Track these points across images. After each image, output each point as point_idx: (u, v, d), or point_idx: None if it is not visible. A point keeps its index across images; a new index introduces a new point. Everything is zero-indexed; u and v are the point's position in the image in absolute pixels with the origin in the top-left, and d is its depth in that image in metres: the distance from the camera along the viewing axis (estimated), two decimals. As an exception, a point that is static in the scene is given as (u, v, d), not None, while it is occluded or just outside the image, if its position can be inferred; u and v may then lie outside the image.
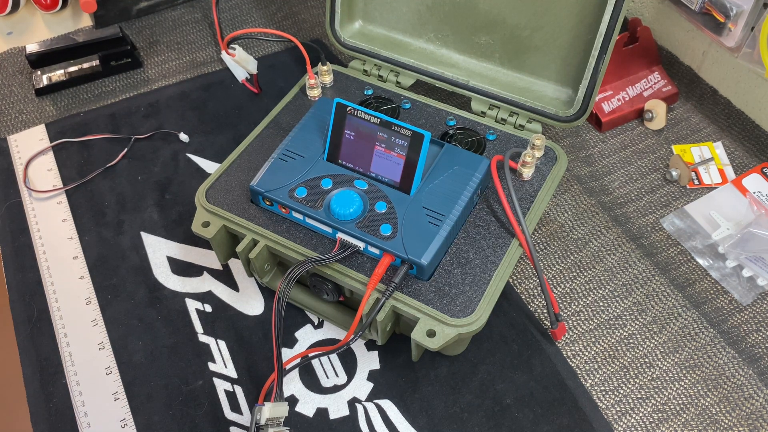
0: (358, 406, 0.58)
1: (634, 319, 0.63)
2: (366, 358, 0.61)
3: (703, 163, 0.75)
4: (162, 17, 0.95)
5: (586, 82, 0.64)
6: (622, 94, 0.80)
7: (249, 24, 0.94)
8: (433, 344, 0.52)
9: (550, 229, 0.70)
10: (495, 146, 0.66)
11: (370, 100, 0.71)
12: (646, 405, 0.58)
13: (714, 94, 0.80)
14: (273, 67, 0.87)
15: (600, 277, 0.66)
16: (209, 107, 0.82)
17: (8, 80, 0.87)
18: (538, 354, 0.60)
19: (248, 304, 0.64)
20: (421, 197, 0.58)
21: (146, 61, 0.89)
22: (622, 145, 0.78)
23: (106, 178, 0.75)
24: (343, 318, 0.62)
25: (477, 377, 0.59)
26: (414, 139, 0.57)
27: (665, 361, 0.60)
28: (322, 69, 0.72)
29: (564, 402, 0.58)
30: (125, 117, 0.81)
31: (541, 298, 0.65)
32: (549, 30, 0.67)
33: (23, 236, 0.70)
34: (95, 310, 0.64)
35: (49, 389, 0.59)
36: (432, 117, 0.69)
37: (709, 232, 0.69)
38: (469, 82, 0.71)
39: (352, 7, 0.76)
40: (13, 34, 0.92)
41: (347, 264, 0.57)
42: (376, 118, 0.58)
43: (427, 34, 0.74)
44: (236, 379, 0.60)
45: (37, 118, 0.82)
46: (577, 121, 0.66)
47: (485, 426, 0.56)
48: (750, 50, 0.69)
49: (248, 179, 0.63)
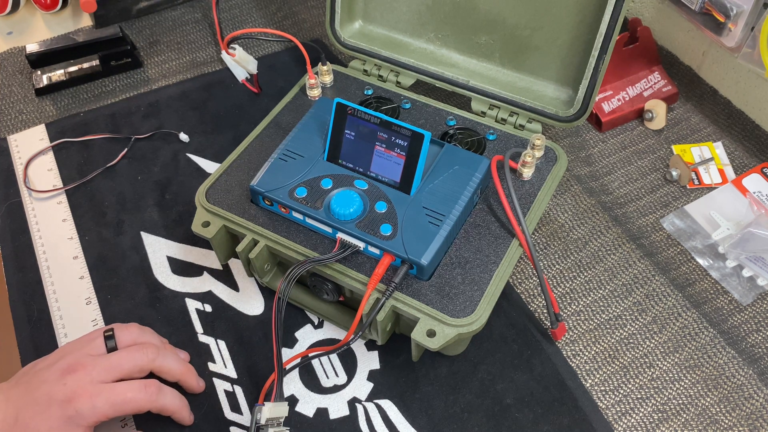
0: (358, 406, 0.58)
1: (634, 319, 0.63)
2: (366, 358, 0.61)
3: (703, 163, 0.75)
4: (162, 17, 0.95)
5: (586, 82, 0.64)
6: (622, 94, 0.80)
7: (249, 24, 0.94)
8: (433, 344, 0.52)
9: (550, 229, 0.70)
10: (495, 146, 0.66)
11: (370, 100, 0.71)
12: (646, 405, 0.58)
13: (714, 94, 0.80)
14: (273, 67, 0.87)
15: (600, 277, 0.66)
16: (209, 107, 0.82)
17: (8, 80, 0.87)
18: (538, 354, 0.60)
19: (248, 304, 0.64)
20: (421, 197, 0.58)
21: (146, 61, 0.89)
22: (622, 145, 0.78)
23: (106, 178, 0.75)
24: (343, 318, 0.62)
25: (477, 377, 0.59)
26: (414, 139, 0.57)
27: (665, 361, 0.60)
28: (322, 69, 0.72)
29: (564, 402, 0.58)
30: (125, 117, 0.81)
31: (541, 298, 0.65)
32: (549, 30, 0.67)
33: (23, 236, 0.70)
34: (95, 310, 0.64)
35: (49, 389, 0.59)
36: (432, 117, 0.69)
37: (709, 232, 0.69)
38: (469, 82, 0.71)
39: (352, 7, 0.76)
40: (13, 34, 0.92)
41: (347, 264, 0.57)
42: (376, 118, 0.58)
43: (427, 34, 0.74)
44: (236, 379, 0.60)
45: (37, 118, 0.82)
46: (577, 121, 0.66)
47: (485, 426, 0.56)
48: (750, 50, 0.69)
49: (248, 179, 0.63)
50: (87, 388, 0.48)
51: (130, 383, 0.51)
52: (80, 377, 0.49)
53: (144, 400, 0.51)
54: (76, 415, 0.48)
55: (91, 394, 0.48)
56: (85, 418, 0.48)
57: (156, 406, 0.52)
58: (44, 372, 0.50)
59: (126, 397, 0.50)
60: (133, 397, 0.50)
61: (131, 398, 0.50)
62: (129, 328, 0.55)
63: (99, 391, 0.49)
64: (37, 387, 0.49)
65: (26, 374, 0.51)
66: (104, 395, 0.49)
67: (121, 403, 0.49)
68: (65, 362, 0.50)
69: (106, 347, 0.53)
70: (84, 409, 0.48)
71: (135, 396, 0.50)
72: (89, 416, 0.48)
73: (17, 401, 0.49)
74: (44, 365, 0.51)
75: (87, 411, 0.48)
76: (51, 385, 0.49)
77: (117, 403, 0.49)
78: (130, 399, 0.50)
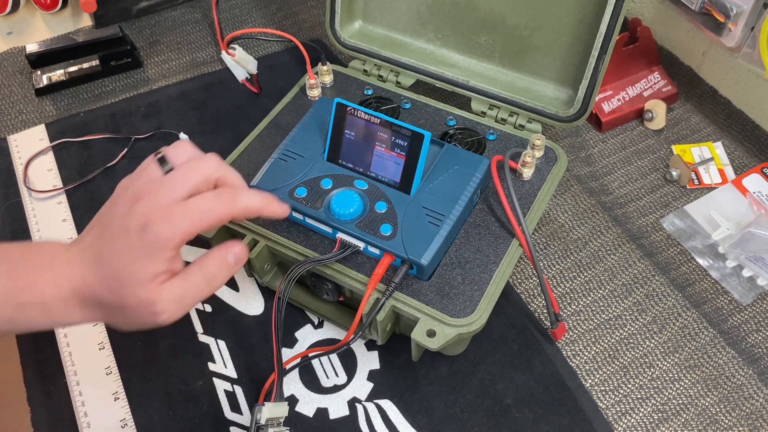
0: (358, 406, 0.58)
1: (634, 319, 0.63)
2: (366, 358, 0.61)
3: (703, 163, 0.75)
4: (162, 17, 0.95)
5: (586, 82, 0.64)
6: (622, 94, 0.80)
7: (249, 24, 0.94)
8: (433, 344, 0.52)
9: (550, 229, 0.70)
10: (495, 146, 0.66)
11: (370, 100, 0.71)
12: (646, 405, 0.58)
13: (714, 94, 0.80)
14: (273, 67, 0.87)
15: (600, 277, 0.66)
16: (209, 107, 0.82)
17: (8, 80, 0.87)
18: (538, 354, 0.60)
19: (248, 304, 0.64)
20: (421, 197, 0.58)
21: (146, 61, 0.89)
22: (622, 145, 0.78)
23: (106, 178, 0.75)
24: (343, 318, 0.62)
25: (477, 377, 0.59)
26: (414, 139, 0.57)
27: (665, 361, 0.60)
28: (322, 69, 0.72)
29: (564, 402, 0.58)
30: (125, 117, 0.81)
31: (541, 298, 0.65)
32: (549, 30, 0.67)
33: (23, 236, 0.70)
34: (95, 310, 0.64)
35: (49, 389, 0.59)
36: (432, 117, 0.69)
37: (709, 232, 0.69)
38: (469, 82, 0.71)
39: (352, 7, 0.76)
40: (13, 34, 0.92)
41: (347, 264, 0.57)
42: (376, 118, 0.58)
43: (427, 34, 0.74)
44: (236, 379, 0.60)
45: (37, 118, 0.82)
46: (577, 120, 0.66)
47: (485, 426, 0.56)
48: (750, 50, 0.69)
49: (248, 179, 0.63)
50: (159, 211, 0.45)
51: (203, 195, 0.46)
52: (148, 202, 0.45)
53: (223, 208, 0.46)
54: (157, 238, 0.44)
55: (165, 216, 0.44)
56: (168, 240, 0.44)
57: (238, 210, 0.47)
58: (111, 209, 0.47)
59: (202, 209, 0.45)
60: (209, 206, 0.46)
61: (208, 208, 0.46)
62: (179, 145, 0.50)
63: (173, 211, 0.45)
64: (109, 224, 0.46)
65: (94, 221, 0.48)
66: (179, 213, 0.45)
67: (199, 217, 0.45)
68: (128, 194, 0.46)
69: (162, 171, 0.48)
70: (162, 231, 0.44)
71: (211, 205, 0.46)
72: (171, 237, 0.44)
73: (94, 244, 0.46)
74: (108, 206, 0.48)
75: (166, 232, 0.44)
76: (122, 218, 0.45)
77: (195, 217, 0.45)
78: (207, 210, 0.46)
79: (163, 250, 0.44)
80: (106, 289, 0.44)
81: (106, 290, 0.44)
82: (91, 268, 0.45)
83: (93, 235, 0.47)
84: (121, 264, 0.44)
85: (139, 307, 0.44)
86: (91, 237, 0.47)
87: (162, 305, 0.44)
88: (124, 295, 0.44)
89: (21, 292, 0.44)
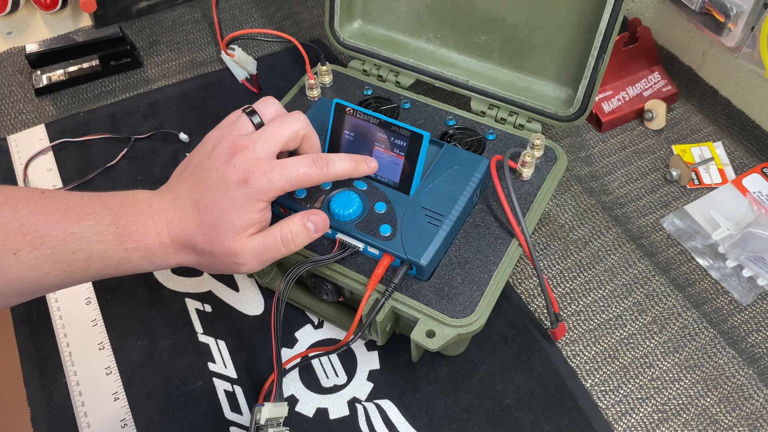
0: (358, 406, 0.58)
1: (634, 319, 0.63)
2: (366, 358, 0.61)
3: (703, 163, 0.75)
4: (162, 17, 0.95)
5: (586, 81, 0.64)
6: (622, 94, 0.80)
7: (249, 24, 0.94)
8: (432, 345, 0.52)
9: (550, 229, 0.70)
10: (495, 146, 0.66)
11: (370, 100, 0.71)
12: (646, 405, 0.58)
13: (714, 94, 0.80)
14: (273, 67, 0.87)
15: (600, 277, 0.66)
16: (209, 107, 0.82)
17: (8, 80, 0.87)
18: (538, 354, 0.60)
19: (248, 304, 0.64)
20: (420, 197, 0.58)
21: (146, 61, 0.89)
22: (622, 145, 0.78)
23: (106, 178, 0.75)
24: (342, 318, 0.62)
25: (477, 377, 0.59)
26: (413, 139, 0.57)
27: (665, 361, 0.60)
28: (322, 69, 0.71)
29: (564, 402, 0.58)
30: (125, 117, 0.81)
31: (541, 298, 0.65)
32: (548, 29, 0.67)
33: (23, 236, 0.70)
34: (95, 310, 0.64)
35: (49, 389, 0.59)
36: (431, 117, 0.69)
37: (709, 232, 0.69)
38: (469, 81, 0.71)
39: (352, 7, 0.76)
40: (13, 34, 0.92)
41: (347, 264, 0.57)
42: (376, 119, 0.58)
43: (427, 33, 0.74)
44: (236, 379, 0.60)
45: (37, 118, 0.82)
46: (577, 120, 0.66)
47: (485, 426, 0.56)
48: (750, 50, 0.69)
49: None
50: (259, 165, 0.49)
51: (300, 158, 0.51)
52: (246, 156, 0.49)
53: (316, 173, 0.51)
54: (256, 191, 0.48)
55: (265, 170, 0.49)
56: (264, 193, 0.49)
57: (330, 176, 0.53)
58: (207, 161, 0.50)
59: (299, 172, 0.50)
60: (306, 172, 0.50)
61: (304, 173, 0.50)
62: (266, 100, 0.54)
63: (272, 167, 0.49)
64: (208, 174, 0.49)
65: (185, 171, 0.52)
66: (278, 170, 0.49)
67: (295, 178, 0.50)
68: (224, 147, 0.50)
69: (253, 124, 0.52)
70: (261, 184, 0.48)
71: (308, 171, 0.51)
72: (268, 190, 0.49)
73: (191, 193, 0.50)
74: (201, 157, 0.51)
75: (265, 185, 0.48)
76: (222, 170, 0.49)
77: (291, 177, 0.50)
78: (303, 174, 0.50)
79: (258, 203, 0.49)
80: (201, 236, 0.49)
81: (201, 237, 0.49)
82: (188, 215, 0.49)
83: (188, 185, 0.50)
84: (220, 211, 0.48)
85: (225, 256, 0.49)
86: (186, 187, 0.50)
87: (243, 257, 0.49)
88: (216, 243, 0.48)
89: (127, 239, 0.48)
